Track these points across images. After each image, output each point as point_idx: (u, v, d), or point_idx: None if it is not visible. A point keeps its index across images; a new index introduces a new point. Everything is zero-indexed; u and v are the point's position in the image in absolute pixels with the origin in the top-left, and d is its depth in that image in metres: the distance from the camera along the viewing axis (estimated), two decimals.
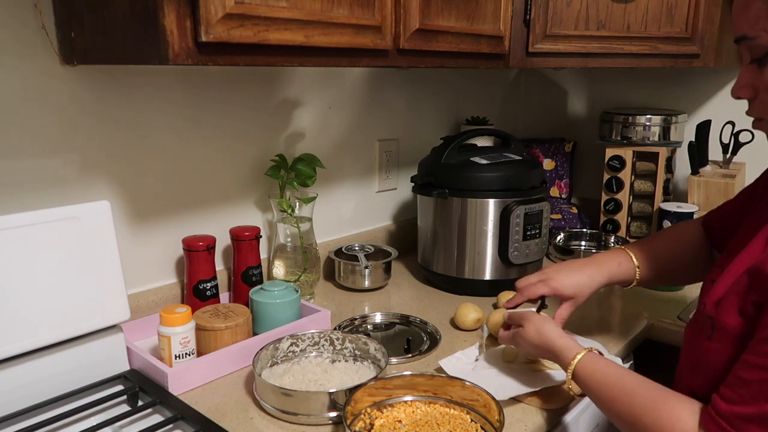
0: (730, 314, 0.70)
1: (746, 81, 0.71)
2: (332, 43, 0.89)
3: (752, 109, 0.73)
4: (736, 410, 0.64)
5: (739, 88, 0.72)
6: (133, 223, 1.13)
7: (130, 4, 0.76)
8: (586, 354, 0.83)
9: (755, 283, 0.67)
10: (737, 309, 0.69)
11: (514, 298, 1.04)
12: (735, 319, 0.69)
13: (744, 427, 0.63)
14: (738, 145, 1.59)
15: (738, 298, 0.69)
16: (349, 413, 0.83)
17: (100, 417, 0.88)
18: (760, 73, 0.69)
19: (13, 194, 0.96)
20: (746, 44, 0.69)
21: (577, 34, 1.32)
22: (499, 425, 0.81)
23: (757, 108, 0.72)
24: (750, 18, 0.67)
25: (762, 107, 0.71)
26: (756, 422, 0.62)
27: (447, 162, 1.36)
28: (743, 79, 0.72)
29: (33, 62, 0.94)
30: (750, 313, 0.68)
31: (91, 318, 0.93)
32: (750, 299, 0.68)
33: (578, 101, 2.00)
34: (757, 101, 0.71)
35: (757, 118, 0.73)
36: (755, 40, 0.67)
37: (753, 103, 0.72)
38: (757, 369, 0.63)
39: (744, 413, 0.63)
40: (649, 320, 1.24)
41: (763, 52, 0.67)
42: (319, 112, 1.43)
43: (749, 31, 0.68)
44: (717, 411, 0.66)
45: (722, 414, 0.65)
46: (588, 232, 1.75)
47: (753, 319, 0.67)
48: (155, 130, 1.13)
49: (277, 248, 1.30)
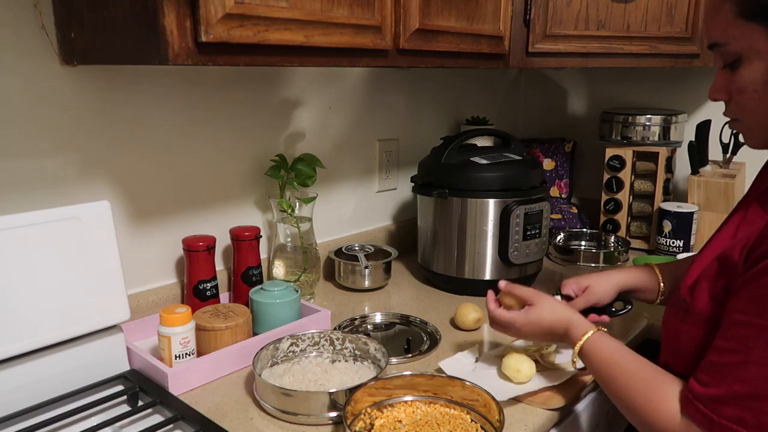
0: (701, 298, 0.74)
1: (721, 85, 0.76)
2: (332, 43, 0.89)
3: (728, 110, 0.77)
4: (710, 392, 0.68)
5: (714, 91, 0.77)
6: (133, 223, 1.13)
7: (130, 4, 0.76)
8: (596, 332, 0.86)
9: (723, 269, 0.72)
10: (708, 293, 0.74)
11: None
12: (706, 303, 0.74)
13: (718, 408, 0.66)
14: (738, 145, 1.59)
15: (708, 282, 0.74)
16: (349, 413, 0.83)
17: (100, 417, 0.88)
18: (732, 76, 0.73)
19: (13, 194, 0.96)
20: (718, 50, 0.73)
21: (577, 34, 1.32)
22: (499, 425, 0.81)
23: (733, 109, 0.76)
24: (719, 26, 0.72)
25: (737, 108, 0.75)
26: (729, 403, 0.66)
27: (447, 162, 1.36)
28: (718, 83, 0.76)
29: (33, 62, 0.94)
30: (719, 297, 0.72)
31: (91, 318, 0.93)
32: (719, 284, 0.72)
33: (578, 101, 2.00)
34: (732, 103, 0.76)
35: (732, 118, 0.78)
36: (726, 47, 0.72)
37: (728, 104, 0.77)
38: (727, 353, 0.67)
39: (716, 394, 0.67)
40: (649, 320, 1.24)
41: (734, 58, 0.71)
42: (319, 112, 1.43)
43: (720, 38, 0.72)
44: (694, 394, 0.69)
45: (698, 397, 0.69)
46: (588, 232, 1.75)
47: (722, 302, 0.71)
48: (155, 130, 1.13)
49: (277, 248, 1.30)
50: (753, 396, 0.64)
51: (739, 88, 0.72)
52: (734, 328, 0.67)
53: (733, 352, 0.66)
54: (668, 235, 1.58)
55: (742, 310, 0.67)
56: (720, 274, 0.72)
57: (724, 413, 0.66)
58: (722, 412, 0.66)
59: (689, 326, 0.76)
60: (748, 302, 0.66)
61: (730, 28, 0.70)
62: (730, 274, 0.70)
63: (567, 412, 0.96)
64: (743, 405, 0.65)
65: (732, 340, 0.67)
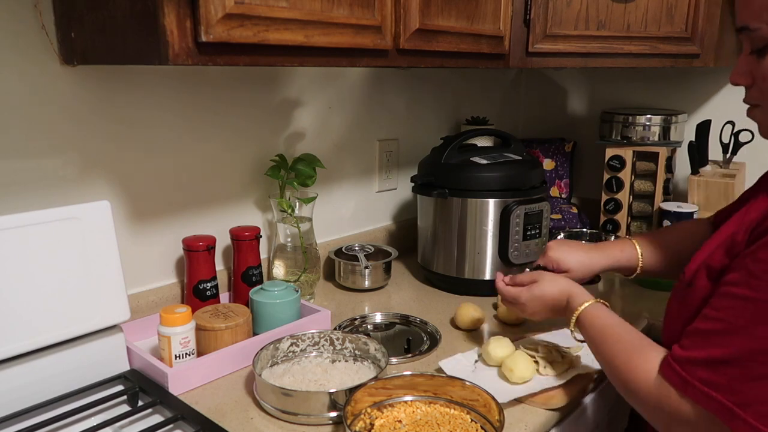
0: (703, 278, 0.75)
1: (745, 69, 0.74)
2: (332, 43, 0.89)
3: (749, 95, 0.76)
4: (688, 355, 0.69)
5: (737, 74, 0.76)
6: (133, 223, 1.13)
7: (130, 4, 0.76)
8: (593, 302, 0.89)
9: (728, 251, 0.72)
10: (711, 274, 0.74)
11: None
12: (706, 282, 0.74)
13: (693, 369, 0.68)
14: (738, 145, 1.59)
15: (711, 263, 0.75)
16: (349, 413, 0.83)
17: (100, 417, 0.88)
18: (758, 63, 0.72)
19: (14, 194, 0.96)
20: (747, 35, 0.72)
21: (577, 34, 1.32)
22: (499, 425, 0.81)
23: (754, 95, 0.75)
24: (753, 10, 0.70)
25: (758, 95, 0.74)
26: (703, 365, 0.67)
27: (447, 162, 1.36)
28: (742, 66, 0.75)
29: (33, 62, 0.94)
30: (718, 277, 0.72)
31: (91, 318, 0.93)
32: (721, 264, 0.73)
33: (578, 101, 2.00)
34: (753, 88, 0.75)
35: (753, 104, 0.77)
36: (757, 32, 0.70)
37: (750, 90, 0.76)
38: (711, 320, 0.69)
39: (694, 357, 0.68)
40: (650, 320, 1.24)
41: (763, 44, 0.70)
42: (319, 112, 1.43)
43: (751, 23, 0.71)
44: (672, 356, 0.71)
45: (676, 358, 0.70)
46: (588, 232, 1.75)
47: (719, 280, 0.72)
48: (155, 130, 1.13)
49: (277, 248, 1.30)
50: (729, 361, 0.65)
51: (764, 74, 0.71)
52: (725, 298, 0.68)
53: (719, 320, 0.68)
54: None
55: (735, 283, 0.67)
56: (724, 256, 0.73)
57: (698, 375, 0.67)
58: (696, 373, 0.67)
59: (687, 302, 0.77)
60: (743, 275, 0.67)
61: (765, 13, 0.69)
62: (732, 253, 0.71)
63: (567, 412, 0.96)
64: (718, 369, 0.66)
65: (721, 310, 0.68)
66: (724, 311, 0.67)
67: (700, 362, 0.68)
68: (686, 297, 0.77)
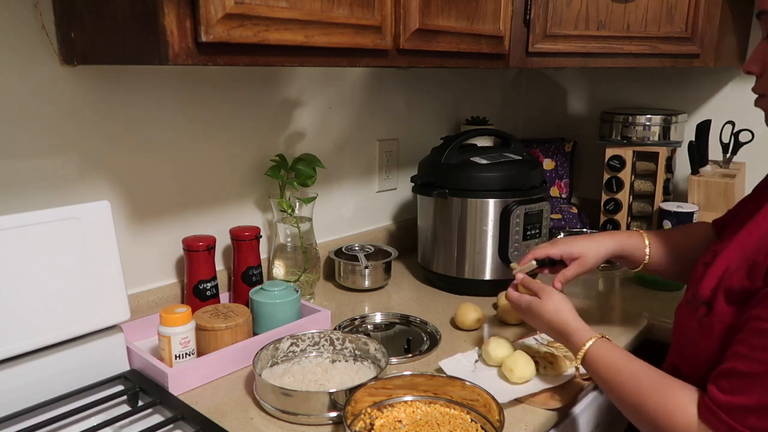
0: (724, 302, 0.72)
1: (758, 56, 0.74)
2: (332, 43, 0.89)
3: (758, 85, 0.76)
4: (733, 401, 0.65)
5: (751, 62, 0.75)
6: (133, 223, 1.13)
7: (130, 4, 0.76)
8: (597, 339, 0.85)
9: (750, 273, 0.69)
10: (732, 297, 0.71)
11: (524, 258, 1.07)
12: (729, 307, 0.71)
13: (742, 417, 0.64)
14: (738, 144, 1.59)
15: (733, 285, 0.71)
16: (349, 413, 0.83)
17: (100, 417, 0.88)
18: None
19: (14, 194, 0.96)
20: (765, 19, 0.72)
21: (577, 34, 1.32)
22: (499, 425, 0.81)
23: (763, 84, 0.74)
24: None
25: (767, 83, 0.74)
26: (754, 413, 0.64)
27: (447, 162, 1.36)
28: (757, 54, 0.74)
29: (33, 62, 0.94)
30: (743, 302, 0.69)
31: (91, 318, 0.93)
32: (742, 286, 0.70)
33: (578, 101, 2.00)
34: (764, 77, 0.74)
35: (761, 94, 0.76)
36: None
37: (760, 79, 0.75)
38: (751, 361, 0.65)
39: (741, 404, 0.65)
40: (649, 320, 1.24)
41: None
42: (319, 112, 1.43)
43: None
44: (715, 402, 0.67)
45: (720, 405, 0.66)
46: (588, 232, 1.75)
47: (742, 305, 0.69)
48: (155, 130, 1.13)
49: (277, 248, 1.30)
50: None
51: None
52: (761, 336, 0.65)
53: (759, 361, 0.64)
54: None
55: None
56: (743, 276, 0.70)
57: (748, 423, 0.64)
58: (746, 422, 0.64)
59: (708, 330, 0.73)
60: None
61: None
62: (753, 277, 0.68)
63: (567, 412, 0.96)
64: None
65: (758, 350, 0.65)
66: (764, 352, 0.64)
67: (748, 409, 0.64)
68: (707, 324, 0.74)
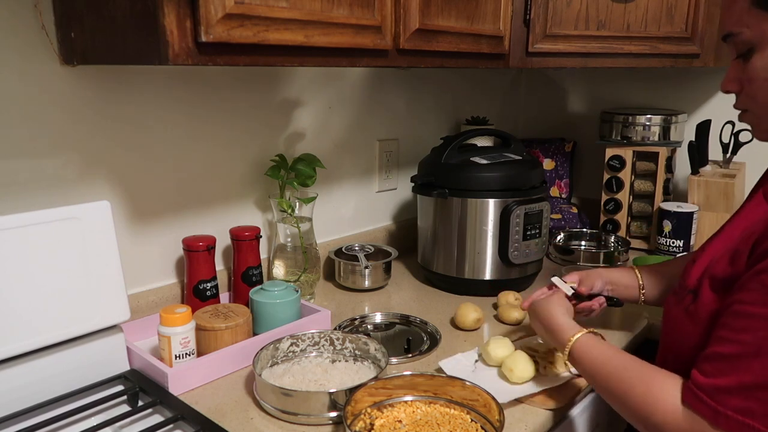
0: (707, 287, 0.74)
1: (733, 76, 0.76)
2: (332, 43, 0.89)
3: (739, 101, 0.78)
4: (715, 383, 0.67)
5: (727, 81, 0.77)
6: (133, 223, 1.13)
7: (130, 4, 0.76)
8: (583, 334, 0.87)
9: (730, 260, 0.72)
10: (713, 283, 0.73)
11: (569, 278, 1.10)
12: (712, 295, 0.73)
13: (724, 398, 0.65)
14: (738, 144, 1.59)
15: (714, 272, 0.74)
16: (349, 413, 0.83)
17: (100, 417, 0.88)
18: (744, 67, 0.74)
19: (14, 194, 0.96)
20: (732, 40, 0.74)
21: (577, 34, 1.32)
22: (500, 425, 0.81)
23: (743, 100, 0.77)
24: (734, 15, 0.72)
25: (747, 99, 0.76)
26: (736, 393, 0.65)
27: (447, 162, 1.36)
28: (731, 74, 0.77)
29: (33, 62, 0.94)
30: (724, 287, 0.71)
31: (91, 318, 0.93)
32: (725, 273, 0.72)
33: (578, 101, 2.00)
34: (742, 94, 0.76)
35: (743, 110, 0.78)
36: (739, 36, 0.72)
37: (739, 96, 0.77)
38: (732, 343, 0.67)
39: (723, 385, 0.66)
40: (649, 320, 1.24)
41: (746, 48, 0.72)
42: (319, 112, 1.43)
43: (734, 28, 0.73)
44: (697, 385, 0.68)
45: (702, 388, 0.68)
46: (588, 232, 1.75)
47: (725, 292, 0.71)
48: (155, 130, 1.13)
49: (277, 248, 1.30)
50: (762, 386, 0.63)
51: (750, 77, 0.73)
52: (742, 318, 0.66)
53: (741, 343, 0.65)
54: (668, 235, 1.58)
55: (752, 302, 0.65)
56: (728, 265, 0.72)
57: (731, 404, 0.64)
58: (728, 403, 0.65)
59: (694, 317, 0.75)
60: (760, 293, 0.65)
61: (745, 17, 0.71)
62: (736, 266, 0.70)
63: (567, 412, 0.96)
64: (752, 395, 0.64)
65: (741, 332, 0.66)
66: (746, 333, 0.65)
67: (730, 390, 0.65)
68: (693, 312, 0.75)
